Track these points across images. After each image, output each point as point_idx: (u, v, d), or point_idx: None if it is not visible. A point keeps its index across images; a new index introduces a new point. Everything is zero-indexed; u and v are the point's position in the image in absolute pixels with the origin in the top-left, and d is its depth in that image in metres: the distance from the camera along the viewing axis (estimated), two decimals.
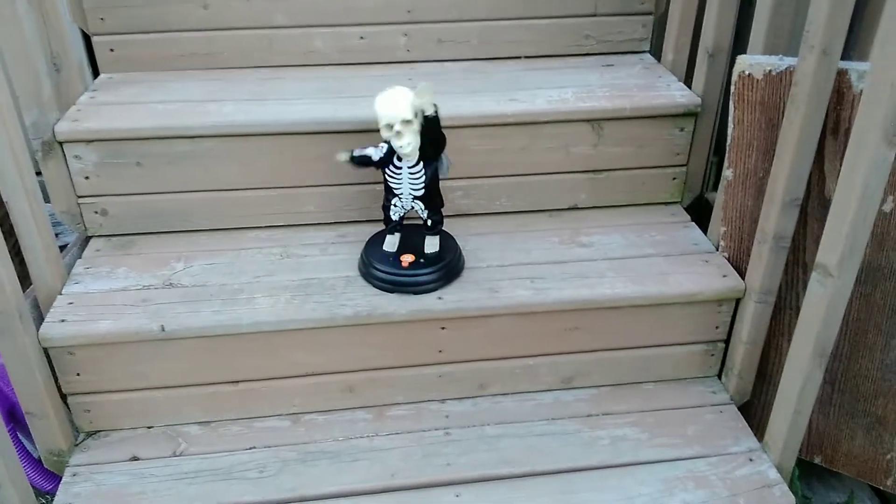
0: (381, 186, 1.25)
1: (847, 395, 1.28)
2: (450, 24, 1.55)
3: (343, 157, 1.19)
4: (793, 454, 1.20)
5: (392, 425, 1.27)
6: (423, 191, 1.21)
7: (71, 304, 1.21)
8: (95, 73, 1.51)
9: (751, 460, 1.21)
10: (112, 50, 1.49)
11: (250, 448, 1.22)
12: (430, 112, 1.14)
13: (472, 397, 1.32)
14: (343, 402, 1.29)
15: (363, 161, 1.20)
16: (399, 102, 1.13)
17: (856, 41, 1.28)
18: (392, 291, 1.24)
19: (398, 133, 1.13)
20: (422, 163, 1.19)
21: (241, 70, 1.52)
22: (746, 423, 1.28)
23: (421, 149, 1.17)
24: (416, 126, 1.14)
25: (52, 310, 1.19)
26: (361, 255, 1.30)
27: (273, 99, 1.40)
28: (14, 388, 1.14)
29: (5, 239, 1.05)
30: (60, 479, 1.19)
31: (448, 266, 1.26)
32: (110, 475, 1.18)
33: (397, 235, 1.28)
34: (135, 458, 1.21)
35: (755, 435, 1.26)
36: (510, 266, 1.31)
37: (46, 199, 1.23)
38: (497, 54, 1.59)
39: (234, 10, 1.48)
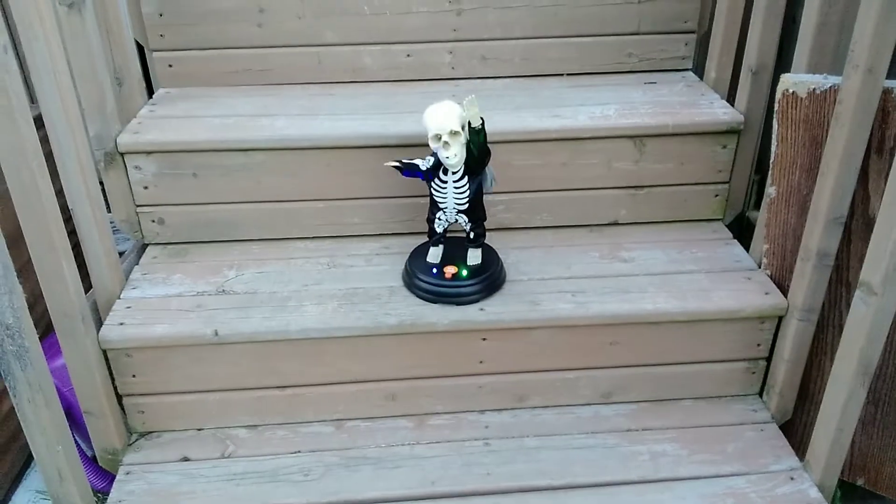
0: (425, 199, 1.29)
1: (891, 416, 1.27)
2: (494, 42, 1.59)
3: (392, 161, 1.23)
4: (835, 473, 1.19)
5: (432, 434, 1.29)
6: (467, 204, 1.24)
7: (129, 308, 1.26)
8: (149, 88, 1.57)
9: (792, 479, 1.21)
10: (170, 65, 1.55)
11: (296, 452, 1.26)
12: (476, 124, 1.17)
13: (512, 409, 1.34)
14: (385, 410, 1.32)
15: (410, 168, 1.23)
16: (447, 114, 1.17)
17: None
18: (435, 302, 1.27)
19: (445, 144, 1.16)
20: (466, 177, 1.22)
21: (292, 86, 1.57)
22: (787, 442, 1.28)
23: (466, 162, 1.20)
24: (463, 138, 1.17)
25: (111, 313, 1.25)
26: (405, 266, 1.33)
27: (323, 114, 1.44)
28: (74, 388, 1.19)
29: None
30: (112, 478, 1.23)
31: (490, 278, 1.29)
32: (162, 474, 1.22)
33: (441, 247, 1.31)
34: (185, 459, 1.25)
35: (796, 454, 1.26)
36: (551, 279, 1.33)
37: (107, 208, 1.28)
38: (540, 71, 1.62)
39: (287, 29, 1.54)
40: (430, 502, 1.18)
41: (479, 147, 1.19)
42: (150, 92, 1.56)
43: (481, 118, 1.17)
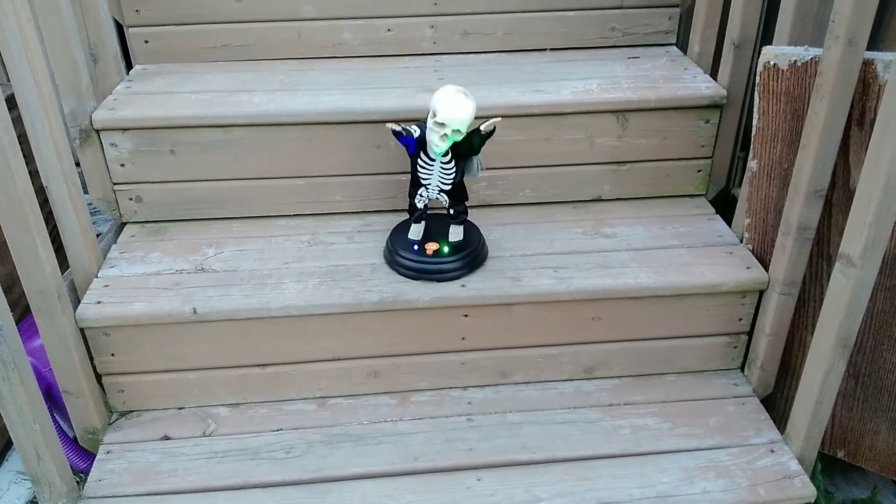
0: (407, 177, 1.27)
1: (871, 389, 1.27)
2: (476, 17, 1.57)
3: (393, 125, 1.21)
4: (815, 446, 1.20)
5: (415, 410, 1.29)
6: (451, 186, 1.23)
7: (107, 286, 1.25)
8: (127, 65, 1.55)
9: (772, 451, 1.21)
10: (147, 41, 1.53)
11: (277, 430, 1.26)
12: (486, 129, 1.18)
13: (494, 385, 1.34)
14: (368, 387, 1.32)
15: (407, 135, 1.21)
16: (465, 113, 1.14)
17: (885, 32, 1.27)
18: (416, 279, 1.26)
19: (444, 135, 1.15)
20: (455, 159, 1.21)
21: (271, 61, 1.55)
22: (768, 415, 1.28)
23: (460, 150, 1.19)
24: (461, 138, 1.17)
25: (88, 292, 1.24)
26: (387, 243, 1.32)
27: (302, 90, 1.42)
28: (52, 368, 1.18)
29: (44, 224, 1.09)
30: (94, 458, 1.23)
31: (472, 254, 1.28)
32: (142, 453, 1.22)
33: (422, 224, 1.30)
34: (166, 438, 1.25)
35: (777, 427, 1.26)
36: (533, 255, 1.32)
37: (84, 189, 1.27)
38: (523, 46, 1.60)
39: (265, 3, 1.51)
40: (413, 478, 1.18)
41: (475, 145, 1.20)
42: (131, 69, 1.53)
43: (494, 126, 1.18)
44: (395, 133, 1.21)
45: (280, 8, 1.52)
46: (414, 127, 1.21)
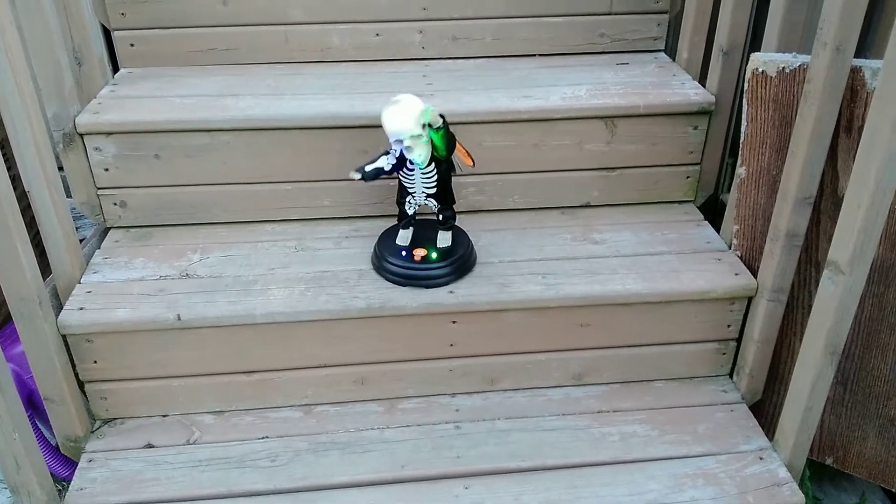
0: (394, 182, 1.27)
1: (859, 396, 1.27)
2: (465, 22, 1.57)
3: (356, 176, 1.20)
4: (803, 453, 1.20)
5: (403, 418, 1.28)
6: (435, 189, 1.22)
7: (89, 292, 1.23)
8: (114, 68, 1.54)
9: (761, 459, 1.21)
10: (132, 45, 1.51)
11: (263, 438, 1.24)
12: (437, 125, 1.15)
13: (483, 392, 1.33)
14: (355, 395, 1.31)
15: (374, 175, 1.20)
16: (404, 118, 1.13)
17: (873, 39, 1.28)
18: (404, 285, 1.25)
19: (409, 147, 1.14)
20: (434, 163, 1.20)
21: (258, 66, 1.54)
22: (757, 422, 1.28)
23: (432, 154, 1.18)
24: (426, 136, 1.15)
25: (70, 298, 1.22)
26: (374, 249, 1.31)
27: (290, 94, 1.41)
28: (33, 375, 1.16)
29: (26, 230, 1.08)
30: (76, 466, 1.21)
31: (460, 260, 1.27)
32: (125, 461, 1.20)
33: (410, 230, 1.29)
34: (149, 446, 1.23)
35: (766, 434, 1.26)
36: (522, 262, 1.32)
37: (67, 193, 1.25)
38: (512, 52, 1.60)
39: (253, 7, 1.50)
40: (400, 486, 1.16)
41: (443, 142, 1.17)
42: (117, 72, 1.52)
43: (441, 116, 1.15)
44: (362, 179, 1.20)
45: (267, 11, 1.51)
46: (382, 160, 1.19)
